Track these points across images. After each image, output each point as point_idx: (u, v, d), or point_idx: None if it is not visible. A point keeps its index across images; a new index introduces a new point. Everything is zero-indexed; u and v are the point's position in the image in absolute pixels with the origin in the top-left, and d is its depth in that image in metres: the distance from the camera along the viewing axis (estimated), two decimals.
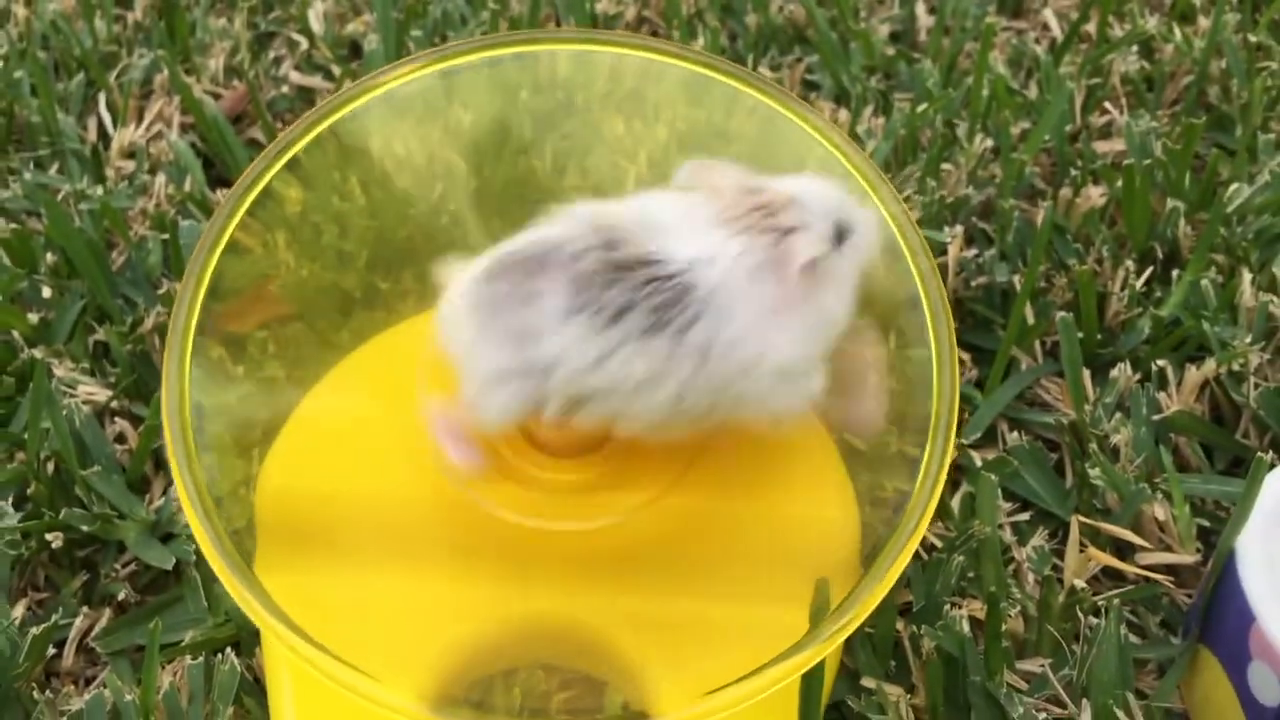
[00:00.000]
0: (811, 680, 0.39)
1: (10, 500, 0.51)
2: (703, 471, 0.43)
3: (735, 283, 0.37)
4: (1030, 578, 0.48)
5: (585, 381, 0.37)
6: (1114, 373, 0.54)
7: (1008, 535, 0.50)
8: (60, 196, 0.64)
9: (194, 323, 0.42)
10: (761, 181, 0.40)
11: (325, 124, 0.48)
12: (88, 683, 0.47)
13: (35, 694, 0.45)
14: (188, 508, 0.38)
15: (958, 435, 0.48)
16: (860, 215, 0.40)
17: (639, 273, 0.37)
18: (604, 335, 0.37)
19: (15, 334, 0.57)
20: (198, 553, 0.48)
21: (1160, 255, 0.60)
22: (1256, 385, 0.54)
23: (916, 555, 0.45)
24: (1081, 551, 0.49)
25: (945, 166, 0.65)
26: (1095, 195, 0.63)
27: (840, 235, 0.39)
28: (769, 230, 0.38)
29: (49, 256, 0.60)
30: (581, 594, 0.41)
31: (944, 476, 0.39)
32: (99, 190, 0.65)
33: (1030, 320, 0.57)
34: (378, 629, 0.41)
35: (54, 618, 0.46)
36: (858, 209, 0.41)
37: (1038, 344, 0.57)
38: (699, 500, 0.42)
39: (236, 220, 0.44)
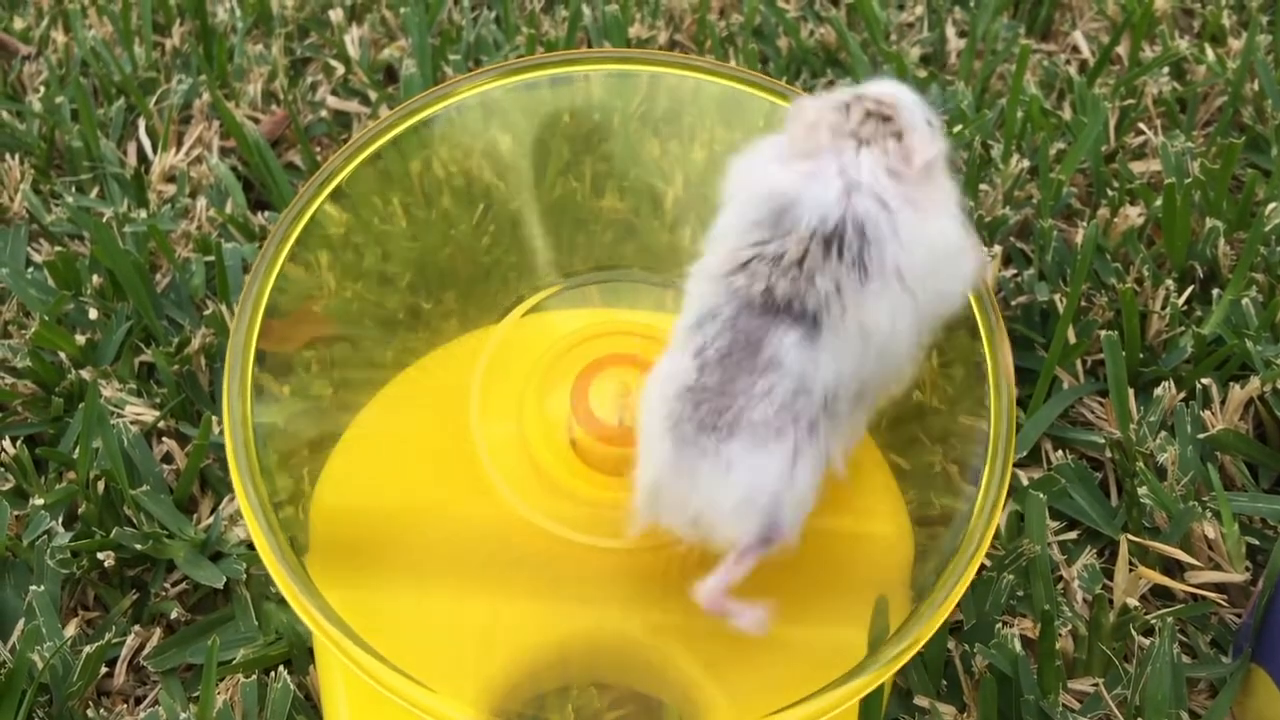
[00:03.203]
0: (871, 702, 0.39)
1: (60, 520, 0.51)
2: None
3: (886, 194, 0.37)
4: (1079, 596, 0.48)
5: (861, 374, 0.37)
6: (1158, 391, 0.54)
7: (1056, 554, 0.50)
8: (104, 220, 0.65)
9: (254, 340, 0.42)
10: (850, 94, 0.40)
11: (370, 149, 0.48)
12: (138, 702, 0.47)
13: (89, 712, 0.45)
14: (250, 520, 0.38)
15: None
16: (928, 107, 0.41)
17: (815, 249, 0.36)
18: (844, 318, 0.36)
19: (63, 355, 0.58)
20: (248, 571, 0.49)
21: (1200, 274, 0.60)
22: None
23: None
24: (1131, 570, 0.49)
25: (982, 187, 0.65)
26: (1133, 215, 0.63)
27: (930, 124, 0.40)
28: (889, 135, 0.38)
29: (94, 279, 0.61)
30: (636, 612, 0.41)
31: (1003, 498, 0.39)
32: (143, 214, 0.66)
33: (1072, 340, 0.57)
34: (431, 645, 0.41)
35: (106, 636, 0.47)
36: (924, 103, 0.41)
37: (1078, 363, 0.57)
38: None
39: (291, 243, 0.45)
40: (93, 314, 0.60)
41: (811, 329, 0.36)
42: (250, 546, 0.50)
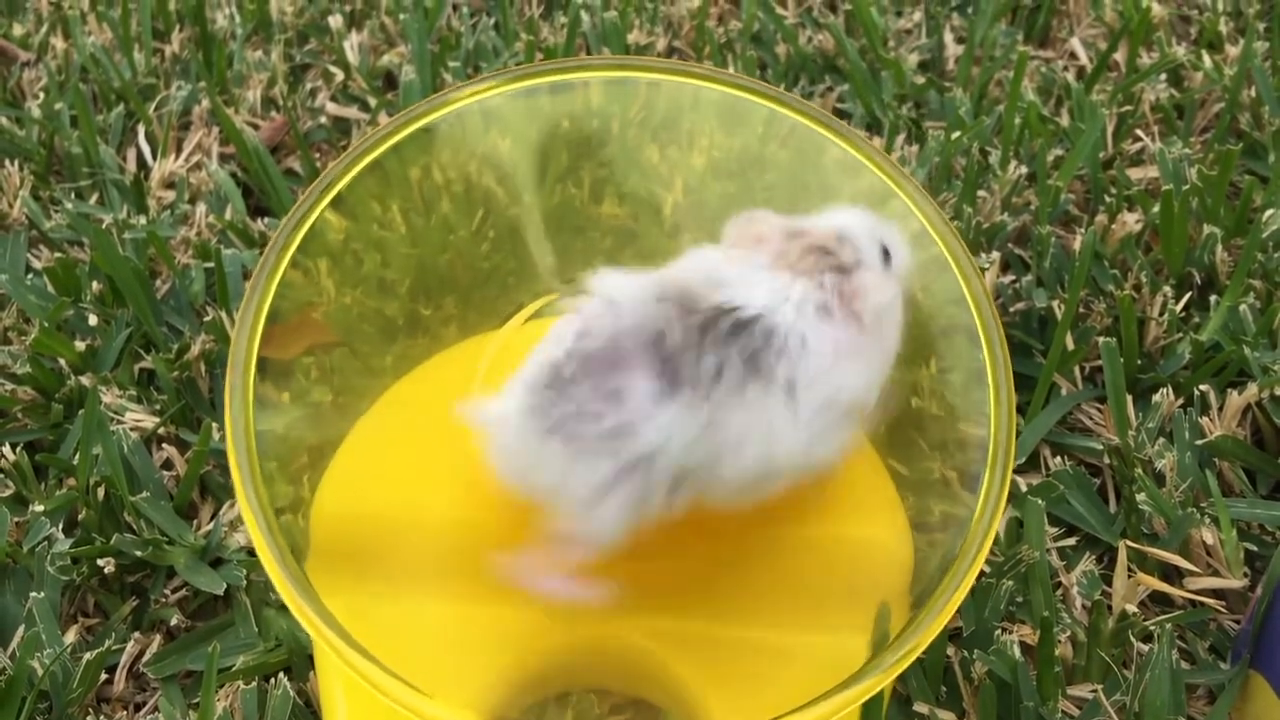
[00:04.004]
0: (871, 709, 0.39)
1: (60, 526, 0.51)
2: None
3: (807, 323, 0.37)
4: (1078, 602, 0.48)
5: (689, 457, 0.36)
6: (1156, 398, 0.54)
7: (1055, 560, 0.50)
8: (104, 226, 0.65)
9: (255, 347, 0.42)
10: (802, 222, 0.40)
11: (371, 156, 0.48)
12: (138, 708, 0.47)
13: (88, 719, 0.45)
14: (252, 526, 0.38)
15: None
16: (895, 235, 0.41)
17: (722, 324, 0.36)
18: (706, 403, 0.36)
19: (63, 362, 0.58)
20: (248, 577, 0.49)
21: (1198, 281, 0.61)
22: None
23: None
24: (1130, 577, 0.49)
25: (980, 194, 0.65)
26: (1131, 221, 0.63)
27: (886, 257, 0.40)
28: (830, 269, 0.38)
29: (94, 285, 0.61)
30: (635, 618, 0.41)
31: (1003, 504, 0.39)
32: (142, 220, 0.66)
33: (1070, 346, 0.57)
34: (431, 652, 0.41)
35: (106, 643, 0.47)
36: (891, 229, 0.41)
37: (1077, 369, 0.58)
38: (752, 525, 0.42)
39: (294, 248, 0.45)
40: (92, 320, 0.60)
41: (671, 392, 0.36)
42: (250, 552, 0.50)
